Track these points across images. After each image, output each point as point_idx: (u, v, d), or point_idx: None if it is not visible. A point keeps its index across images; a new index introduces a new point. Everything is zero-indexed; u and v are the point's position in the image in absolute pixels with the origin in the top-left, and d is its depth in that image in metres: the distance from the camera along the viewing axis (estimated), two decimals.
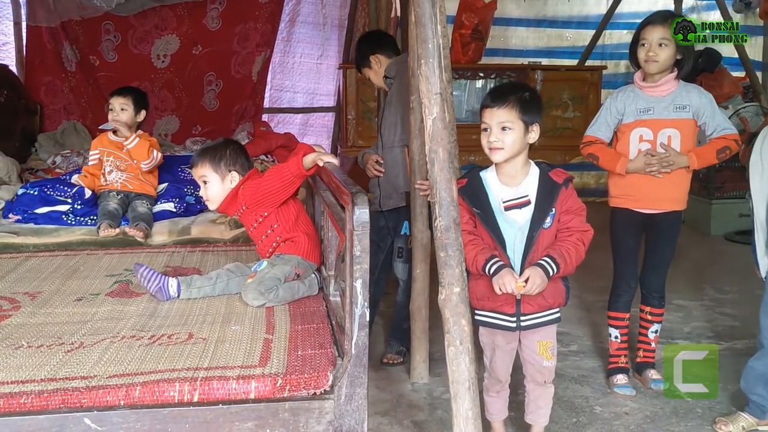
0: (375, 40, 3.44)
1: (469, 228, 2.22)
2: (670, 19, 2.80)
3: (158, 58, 5.65)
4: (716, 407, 2.83)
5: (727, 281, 4.51)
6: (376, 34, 3.73)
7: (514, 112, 2.15)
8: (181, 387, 1.73)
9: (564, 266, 2.16)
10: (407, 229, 3.17)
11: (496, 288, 2.11)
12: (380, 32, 3.87)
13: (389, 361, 3.24)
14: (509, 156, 2.17)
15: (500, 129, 2.15)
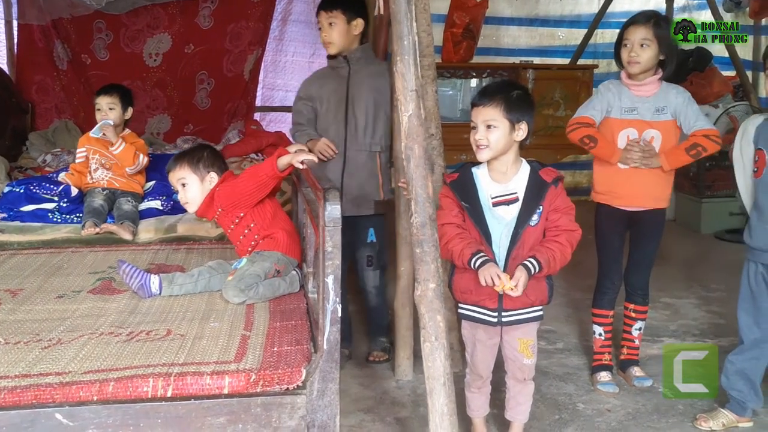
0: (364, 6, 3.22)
1: (458, 221, 2.24)
2: (653, 19, 2.81)
3: (150, 56, 5.63)
4: (698, 404, 2.85)
5: (715, 279, 4.52)
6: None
7: (498, 111, 2.16)
8: (155, 382, 1.74)
9: (547, 268, 2.18)
10: (373, 236, 3.15)
11: (482, 279, 2.12)
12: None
13: (375, 359, 3.25)
14: (495, 154, 2.19)
15: (485, 127, 2.17)
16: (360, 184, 3.09)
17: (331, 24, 3.04)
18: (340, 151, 3.09)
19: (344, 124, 3.09)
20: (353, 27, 3.07)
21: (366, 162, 3.09)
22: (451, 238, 2.20)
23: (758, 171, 2.50)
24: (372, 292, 3.24)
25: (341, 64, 3.11)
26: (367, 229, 3.15)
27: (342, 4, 3.03)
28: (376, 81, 3.10)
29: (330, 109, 3.12)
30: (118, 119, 3.52)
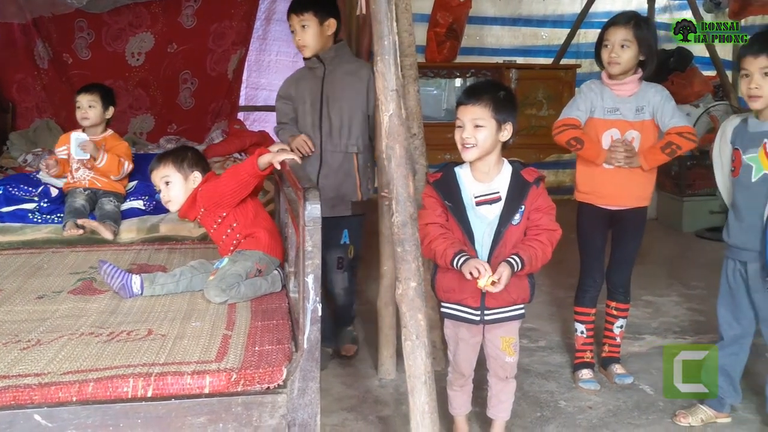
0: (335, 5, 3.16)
1: (441, 221, 2.25)
2: (634, 20, 2.84)
3: (132, 56, 5.60)
4: (677, 400, 2.87)
5: (696, 277, 4.56)
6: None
7: (487, 110, 2.18)
8: (135, 382, 1.74)
9: (529, 267, 2.20)
10: (347, 238, 3.13)
11: (466, 273, 2.13)
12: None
13: (347, 352, 3.27)
14: (481, 154, 2.20)
15: (473, 126, 2.18)
16: (336, 186, 3.07)
17: (304, 27, 3.01)
18: (317, 152, 3.08)
19: (319, 125, 3.08)
20: (326, 28, 3.04)
21: (342, 163, 3.07)
22: (434, 237, 2.21)
23: (735, 170, 2.54)
24: (341, 294, 3.23)
25: (316, 65, 3.09)
26: (342, 231, 3.12)
27: (313, 6, 3.00)
28: (351, 80, 3.09)
29: (306, 110, 3.11)
30: (97, 118, 3.51)
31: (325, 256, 3.10)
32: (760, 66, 2.39)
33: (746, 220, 2.50)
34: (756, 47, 2.42)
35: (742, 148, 2.50)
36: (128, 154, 3.61)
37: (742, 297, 2.58)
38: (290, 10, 3.08)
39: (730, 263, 2.61)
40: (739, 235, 2.53)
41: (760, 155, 2.44)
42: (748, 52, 2.43)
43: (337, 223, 3.11)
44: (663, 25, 7.09)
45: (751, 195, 2.47)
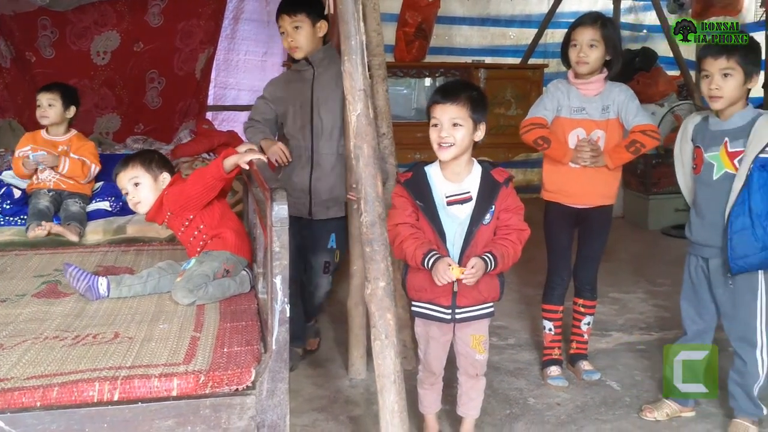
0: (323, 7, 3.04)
1: (411, 221, 2.25)
2: (600, 20, 2.88)
3: (98, 54, 5.52)
4: (644, 395, 2.93)
5: (662, 274, 4.64)
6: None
7: (465, 110, 2.19)
8: (101, 386, 1.71)
9: (501, 265, 2.21)
10: (334, 242, 3.10)
11: (437, 281, 2.14)
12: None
13: (311, 347, 3.29)
14: (458, 153, 2.21)
15: (451, 125, 2.19)
16: (329, 188, 3.04)
17: (297, 28, 2.96)
18: (307, 155, 3.03)
19: (310, 128, 3.03)
20: (318, 29, 3.00)
21: (335, 165, 3.03)
22: (404, 238, 2.21)
23: (697, 168, 2.58)
24: (322, 296, 3.22)
25: (305, 67, 3.04)
26: (329, 234, 3.09)
27: (306, 7, 2.96)
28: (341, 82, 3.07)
29: (296, 113, 3.05)
30: (57, 117, 3.46)
31: (311, 260, 3.12)
32: (720, 67, 2.43)
33: (708, 217, 2.54)
34: (715, 49, 2.47)
35: (703, 146, 2.55)
36: (95, 154, 3.56)
37: (705, 292, 2.63)
38: (282, 11, 3.00)
39: (692, 259, 2.67)
40: (701, 231, 2.58)
41: (721, 153, 2.49)
42: (708, 54, 2.48)
43: (325, 227, 3.09)
44: (628, 25, 7.20)
45: (712, 192, 2.52)
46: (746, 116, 2.48)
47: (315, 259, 3.12)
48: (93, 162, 3.50)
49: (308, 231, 3.10)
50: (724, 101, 2.45)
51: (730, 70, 2.43)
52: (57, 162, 3.38)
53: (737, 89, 2.44)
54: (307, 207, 3.05)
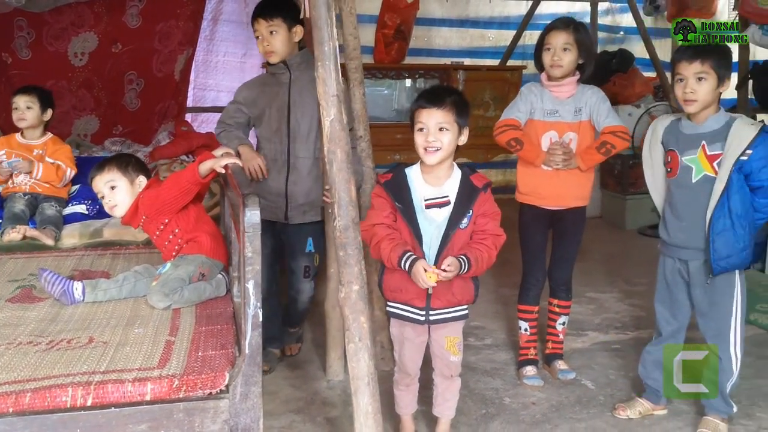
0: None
1: (389, 222, 2.28)
2: (573, 25, 2.92)
3: (75, 56, 5.48)
4: (617, 394, 2.97)
5: (638, 273, 4.70)
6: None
7: (451, 114, 2.23)
8: (74, 392, 1.72)
9: (475, 269, 2.24)
10: (312, 246, 3.09)
11: (418, 283, 2.18)
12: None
13: (292, 351, 3.33)
14: (444, 156, 2.24)
15: (438, 129, 2.22)
16: (306, 192, 3.03)
17: (273, 32, 2.94)
18: (284, 158, 3.02)
19: (287, 132, 3.01)
20: (294, 34, 2.98)
21: (311, 169, 3.02)
22: (381, 238, 2.24)
23: (672, 171, 2.61)
24: (305, 301, 3.21)
25: (281, 71, 3.02)
26: (306, 238, 3.08)
27: (282, 12, 2.93)
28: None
29: (272, 117, 3.03)
30: (35, 120, 3.45)
31: (291, 265, 3.12)
32: (694, 71, 2.48)
33: (687, 219, 2.58)
34: (690, 53, 2.51)
35: (678, 149, 2.58)
36: (70, 158, 3.55)
37: (680, 293, 2.67)
38: (257, 15, 2.98)
39: (668, 261, 2.70)
40: (679, 234, 2.61)
41: (699, 157, 2.53)
42: (682, 58, 2.52)
43: (301, 231, 3.08)
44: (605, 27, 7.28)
45: (692, 195, 2.56)
46: (720, 120, 2.53)
47: (295, 264, 3.12)
48: (69, 166, 3.49)
49: (285, 236, 3.10)
50: (698, 105, 2.49)
51: (704, 74, 2.47)
52: (32, 168, 3.37)
53: (711, 93, 2.49)
54: (283, 211, 3.03)
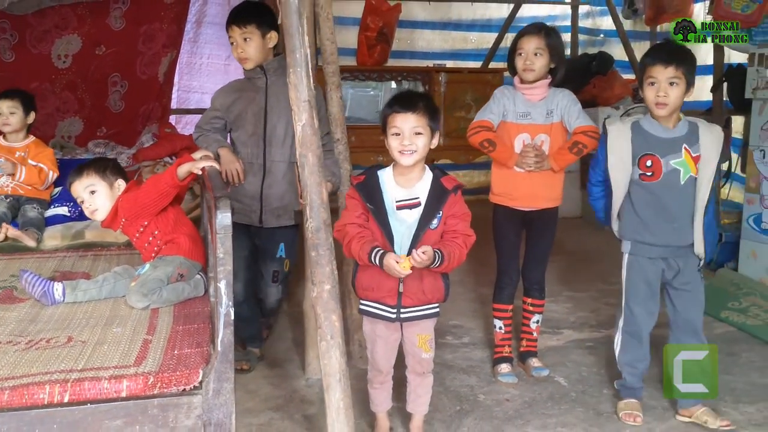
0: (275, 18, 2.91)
1: (360, 221, 2.33)
2: (544, 30, 3.00)
3: (59, 58, 5.50)
4: (589, 390, 3.04)
5: (615, 273, 4.72)
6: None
7: (424, 119, 2.29)
8: (51, 389, 1.77)
9: (447, 263, 2.29)
10: (283, 251, 3.13)
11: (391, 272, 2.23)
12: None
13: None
14: (419, 159, 2.31)
15: (413, 133, 2.28)
16: (280, 196, 3.07)
17: (247, 39, 2.98)
18: (259, 162, 3.06)
19: (263, 136, 3.05)
20: (268, 40, 3.02)
21: (286, 173, 3.06)
22: (352, 237, 2.29)
23: (654, 175, 2.63)
24: (273, 303, 3.27)
25: (258, 75, 3.06)
26: (278, 244, 3.13)
27: (256, 19, 2.97)
28: None
29: (248, 121, 3.06)
30: (19, 124, 3.49)
31: (261, 268, 3.16)
32: (668, 76, 2.55)
33: (680, 219, 2.64)
34: (665, 57, 2.58)
35: (659, 153, 2.61)
36: (53, 161, 3.59)
37: (657, 293, 2.75)
38: (231, 22, 3.02)
39: (647, 263, 2.71)
40: (671, 234, 2.65)
41: (686, 159, 2.60)
42: (657, 62, 2.58)
43: (274, 236, 3.12)
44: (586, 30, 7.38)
45: (682, 196, 2.63)
46: (686, 123, 2.64)
47: (264, 268, 3.16)
48: (51, 169, 3.53)
49: (258, 239, 3.15)
50: (669, 108, 2.57)
51: (677, 79, 2.56)
52: (14, 170, 3.40)
53: (680, 98, 2.57)
54: (257, 214, 3.07)
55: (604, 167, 2.75)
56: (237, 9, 3.07)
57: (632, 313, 2.79)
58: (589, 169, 2.88)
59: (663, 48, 2.72)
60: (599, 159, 2.77)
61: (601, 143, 2.78)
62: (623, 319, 2.84)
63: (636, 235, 2.72)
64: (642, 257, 2.73)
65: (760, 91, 4.18)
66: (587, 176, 4.93)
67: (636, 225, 2.71)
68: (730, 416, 2.78)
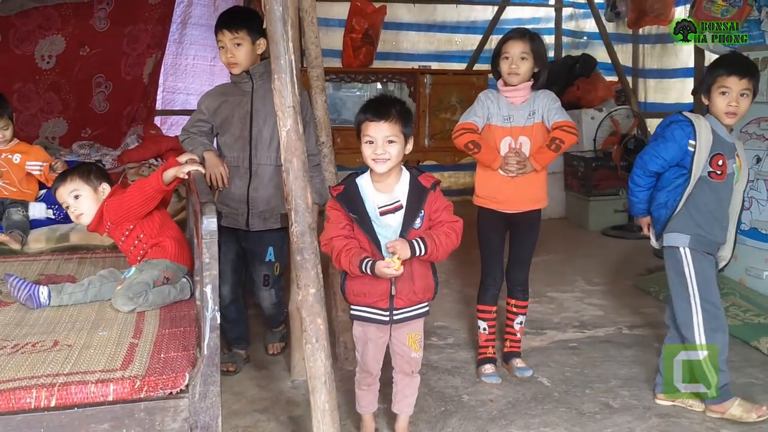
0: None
1: (346, 233, 2.34)
2: (528, 35, 3.04)
3: (43, 58, 5.48)
4: (572, 390, 3.08)
5: (598, 273, 4.84)
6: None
7: (397, 126, 2.31)
8: (38, 393, 1.78)
9: (432, 247, 2.29)
10: (272, 255, 3.13)
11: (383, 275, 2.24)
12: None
13: (274, 351, 3.42)
14: (393, 166, 2.32)
15: (386, 142, 2.29)
16: (267, 199, 3.07)
17: (238, 45, 2.97)
18: (245, 166, 3.06)
19: (249, 139, 3.04)
20: (257, 47, 3.02)
21: (273, 176, 3.05)
22: (339, 251, 2.30)
23: (722, 174, 2.75)
24: (269, 307, 3.28)
25: (244, 80, 3.06)
26: (266, 248, 3.13)
27: (247, 25, 2.97)
28: None
29: (234, 124, 3.06)
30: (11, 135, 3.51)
31: (252, 273, 3.16)
32: (741, 87, 2.68)
33: (725, 219, 2.80)
34: (741, 70, 2.69)
35: (726, 155, 2.75)
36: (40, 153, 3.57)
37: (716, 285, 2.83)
38: (221, 26, 3.01)
39: (705, 259, 2.79)
40: (719, 232, 2.80)
41: (738, 163, 2.79)
42: (734, 73, 2.69)
43: (262, 240, 3.12)
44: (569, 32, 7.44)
45: (735, 198, 2.83)
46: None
47: (254, 272, 3.17)
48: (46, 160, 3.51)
49: (246, 243, 3.16)
50: (737, 118, 2.72)
51: (748, 91, 2.69)
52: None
53: (748, 109, 2.73)
54: (244, 218, 3.08)
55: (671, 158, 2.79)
56: (228, 13, 3.08)
57: (714, 305, 2.78)
58: (643, 156, 2.88)
59: (738, 60, 2.82)
60: (669, 149, 2.78)
61: (680, 135, 2.77)
62: (703, 317, 2.76)
63: (698, 230, 2.78)
64: (700, 252, 2.80)
65: None
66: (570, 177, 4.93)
67: (698, 219, 2.77)
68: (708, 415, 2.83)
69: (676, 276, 2.81)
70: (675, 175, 2.80)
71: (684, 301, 2.78)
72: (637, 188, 2.91)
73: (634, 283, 4.61)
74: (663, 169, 2.82)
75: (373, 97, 2.48)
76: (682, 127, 2.77)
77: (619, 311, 4.13)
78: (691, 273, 2.78)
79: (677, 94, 6.52)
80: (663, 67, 6.65)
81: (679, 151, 2.76)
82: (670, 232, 2.82)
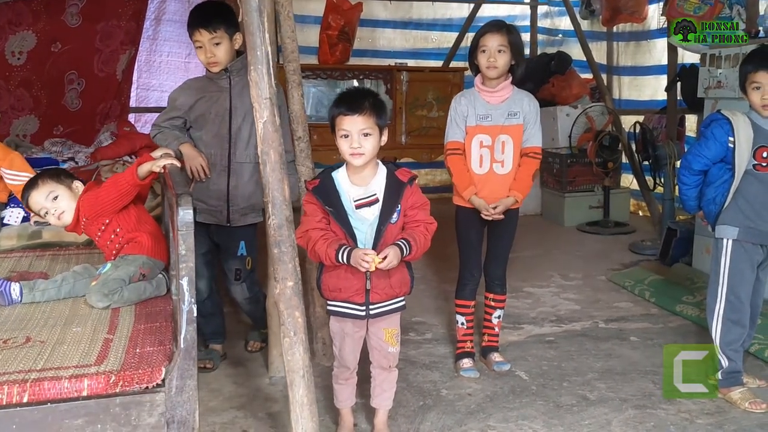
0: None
1: (322, 225, 2.34)
2: (506, 27, 3.03)
3: (13, 54, 5.41)
4: (549, 384, 3.09)
5: (574, 269, 4.88)
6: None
7: (371, 119, 2.30)
8: (10, 389, 1.74)
9: (415, 249, 2.31)
10: (244, 249, 3.12)
11: (357, 266, 2.24)
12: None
13: (253, 348, 3.41)
14: (369, 159, 2.32)
15: (362, 135, 2.29)
16: (247, 196, 3.05)
17: (218, 44, 2.92)
18: (224, 163, 3.03)
19: (228, 137, 3.01)
20: (235, 42, 2.97)
21: (252, 173, 3.03)
22: (315, 241, 2.30)
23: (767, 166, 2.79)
24: (243, 302, 3.27)
25: (221, 76, 3.01)
26: (239, 242, 3.11)
27: (224, 22, 2.92)
28: None
29: (212, 121, 3.02)
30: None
31: (223, 266, 3.14)
32: None
33: None
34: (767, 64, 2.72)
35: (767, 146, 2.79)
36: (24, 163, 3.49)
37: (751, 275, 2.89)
38: (197, 25, 2.93)
39: (753, 249, 2.84)
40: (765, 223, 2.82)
41: None
42: (760, 67, 2.73)
43: (235, 234, 3.10)
44: (544, 30, 7.49)
45: None
46: None
47: (227, 266, 3.16)
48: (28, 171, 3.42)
49: (218, 238, 3.14)
50: None
51: None
52: None
53: None
54: (225, 214, 3.06)
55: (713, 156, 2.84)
56: (202, 11, 3.00)
57: (738, 299, 2.86)
58: (687, 156, 2.97)
59: (764, 54, 2.83)
60: (710, 147, 2.85)
61: (719, 133, 2.83)
62: (724, 307, 2.89)
63: (748, 222, 2.82)
64: (748, 243, 2.84)
65: (712, 90, 4.29)
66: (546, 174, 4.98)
67: (747, 211, 2.81)
68: (683, 406, 2.86)
69: (715, 264, 2.92)
70: (721, 171, 2.87)
71: (714, 288, 2.91)
72: (685, 187, 3.00)
73: (609, 278, 4.66)
74: (707, 167, 2.90)
75: (346, 90, 2.46)
76: (720, 125, 2.84)
77: (594, 305, 4.16)
78: (726, 263, 2.87)
79: (651, 91, 6.59)
80: (637, 65, 6.71)
81: (720, 148, 2.83)
82: (721, 224, 2.89)
